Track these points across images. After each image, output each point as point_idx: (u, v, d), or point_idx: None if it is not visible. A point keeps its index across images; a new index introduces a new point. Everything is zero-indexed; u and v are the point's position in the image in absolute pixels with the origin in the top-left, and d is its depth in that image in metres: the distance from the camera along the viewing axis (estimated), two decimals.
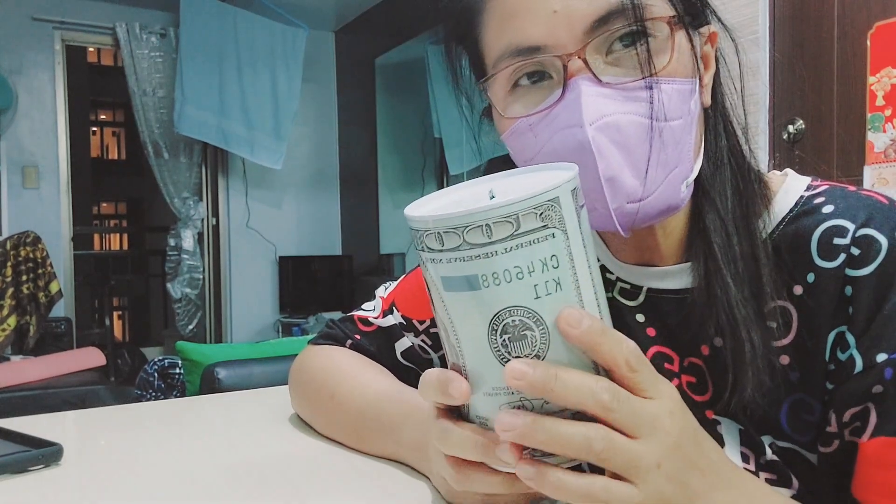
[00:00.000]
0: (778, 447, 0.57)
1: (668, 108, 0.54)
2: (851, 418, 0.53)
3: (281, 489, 0.61)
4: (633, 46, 0.53)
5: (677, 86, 0.54)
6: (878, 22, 1.99)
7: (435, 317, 0.42)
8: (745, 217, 0.58)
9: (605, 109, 0.53)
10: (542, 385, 0.38)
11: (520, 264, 0.38)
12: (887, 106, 1.97)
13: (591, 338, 0.38)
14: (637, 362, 0.40)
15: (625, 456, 0.39)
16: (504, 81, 0.57)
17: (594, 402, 0.39)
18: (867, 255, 0.53)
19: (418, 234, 0.40)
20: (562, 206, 0.38)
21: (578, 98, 0.52)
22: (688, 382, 0.62)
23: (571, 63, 0.53)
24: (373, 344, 0.81)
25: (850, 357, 0.53)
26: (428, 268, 0.40)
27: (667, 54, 0.54)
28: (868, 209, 0.55)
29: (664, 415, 0.41)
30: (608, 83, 0.53)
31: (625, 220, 0.54)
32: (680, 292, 0.61)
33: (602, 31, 0.53)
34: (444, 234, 0.38)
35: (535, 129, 0.56)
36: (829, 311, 0.54)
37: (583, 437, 0.39)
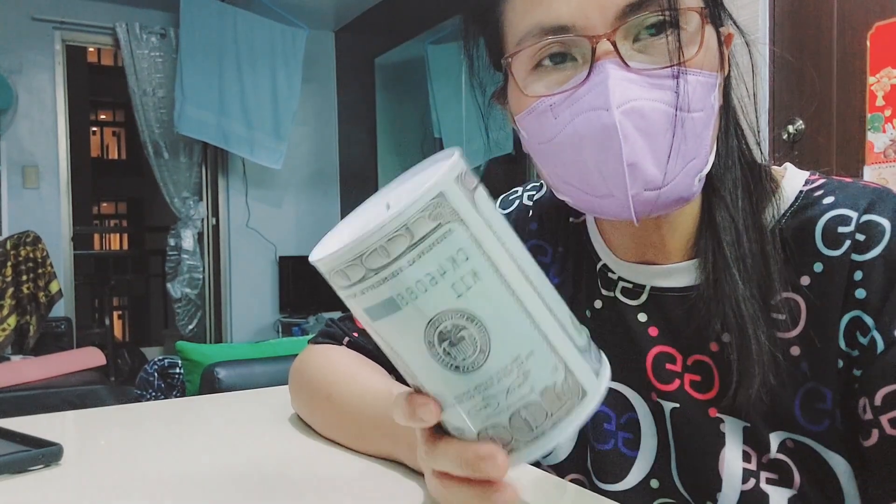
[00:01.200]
0: (793, 443, 0.57)
1: (692, 99, 0.54)
2: (884, 400, 0.52)
3: (281, 489, 0.61)
4: (662, 34, 0.53)
5: (702, 78, 0.54)
6: (878, 22, 1.99)
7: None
8: (754, 214, 0.59)
9: (631, 94, 0.52)
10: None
11: (430, 271, 0.36)
12: (887, 106, 1.97)
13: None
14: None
15: None
16: (527, 60, 0.57)
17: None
18: (872, 239, 0.54)
19: (326, 276, 0.38)
20: (449, 198, 0.36)
21: (605, 80, 0.52)
22: (691, 381, 0.62)
23: (600, 45, 0.53)
24: (369, 342, 0.81)
25: (871, 339, 0.53)
26: (349, 304, 0.39)
27: (696, 45, 0.54)
28: (868, 196, 0.56)
29: None
30: (635, 69, 0.53)
31: (641, 207, 0.54)
32: (684, 290, 0.61)
33: (634, 15, 0.53)
34: (346, 270, 0.37)
35: (556, 109, 0.55)
36: (839, 297, 0.55)
37: None
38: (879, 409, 0.53)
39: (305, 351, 0.85)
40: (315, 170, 5.34)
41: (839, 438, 0.56)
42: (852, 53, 2.06)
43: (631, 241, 0.64)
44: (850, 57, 2.06)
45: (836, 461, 0.56)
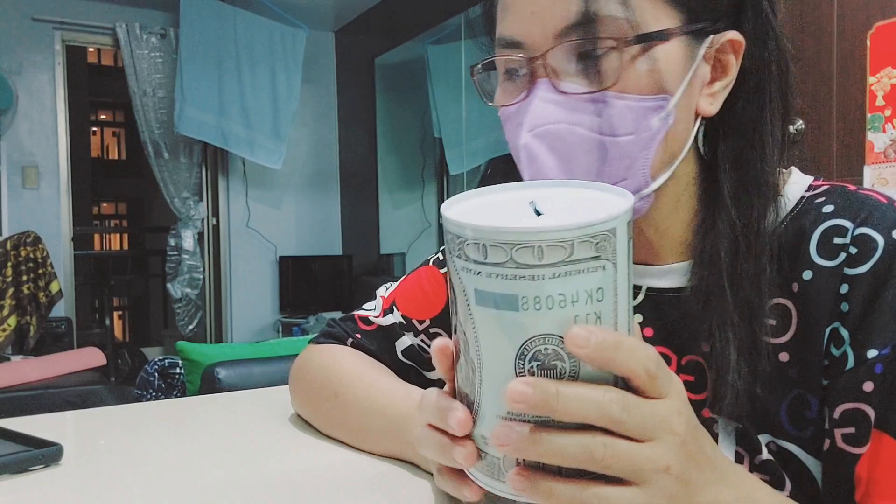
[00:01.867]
0: (776, 446, 0.58)
1: (616, 123, 0.54)
2: (841, 416, 0.53)
3: (281, 489, 0.61)
4: (591, 59, 0.54)
5: (631, 102, 0.54)
6: (878, 22, 1.99)
7: (454, 324, 0.41)
8: (755, 222, 0.58)
9: (551, 117, 0.54)
10: (544, 403, 0.37)
11: (564, 292, 0.35)
12: (887, 106, 1.97)
13: (602, 354, 0.37)
14: (655, 367, 0.39)
15: (629, 461, 0.38)
16: (500, 68, 0.60)
17: (601, 416, 0.37)
18: (864, 254, 0.54)
19: (458, 241, 0.37)
20: (617, 237, 0.36)
21: (530, 102, 0.55)
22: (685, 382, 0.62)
23: (535, 66, 0.55)
24: (373, 343, 0.81)
25: (843, 353, 0.54)
26: (461, 276, 0.38)
27: (616, 74, 0.54)
28: (867, 208, 0.56)
29: (673, 415, 0.40)
30: (564, 91, 0.55)
31: None
32: (680, 290, 0.62)
33: (567, 38, 0.54)
34: (489, 247, 0.36)
35: (507, 121, 0.59)
36: (826, 308, 0.55)
37: (581, 446, 0.38)
38: (836, 422, 0.54)
39: (307, 350, 0.85)
40: (315, 170, 5.34)
41: (821, 445, 0.56)
42: (852, 53, 2.06)
43: None
44: (850, 57, 2.06)
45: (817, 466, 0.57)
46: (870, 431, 0.52)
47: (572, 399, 0.37)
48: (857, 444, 0.52)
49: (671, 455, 0.39)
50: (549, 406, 0.37)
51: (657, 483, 0.39)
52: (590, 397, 0.37)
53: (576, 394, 0.37)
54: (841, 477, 0.53)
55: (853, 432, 0.53)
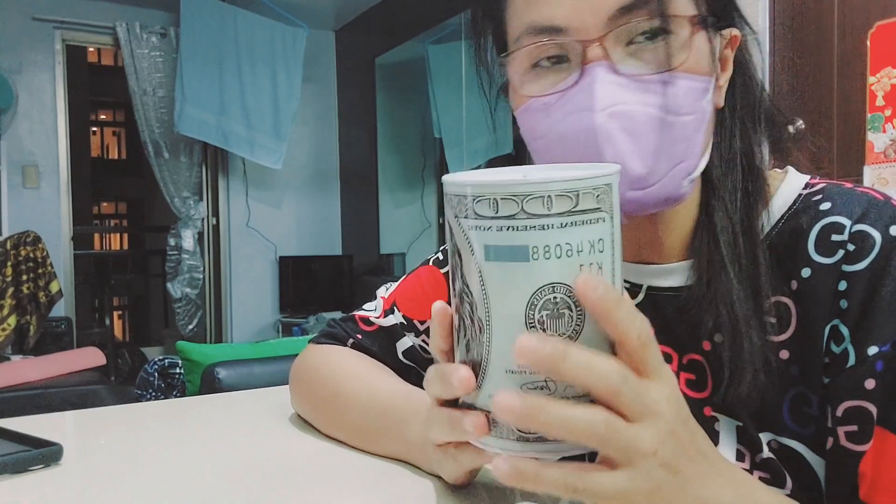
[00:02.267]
0: (778, 444, 0.58)
1: (680, 102, 0.54)
2: (844, 413, 0.53)
3: (281, 489, 0.61)
4: (653, 40, 0.54)
5: (692, 83, 0.55)
6: (878, 22, 1.99)
7: (459, 290, 0.41)
8: (749, 216, 0.59)
9: (618, 98, 0.53)
10: (550, 363, 0.37)
11: (571, 241, 0.38)
12: (887, 106, 1.97)
13: (606, 304, 0.38)
14: (647, 338, 0.39)
15: (625, 441, 0.39)
16: (524, 59, 0.58)
17: (604, 385, 0.38)
18: (862, 251, 0.54)
19: (467, 200, 0.39)
20: (612, 192, 0.39)
21: (593, 84, 0.53)
22: (686, 380, 0.62)
23: (591, 50, 0.54)
24: (374, 343, 0.81)
25: (844, 350, 0.54)
26: (469, 236, 0.39)
27: (685, 52, 0.54)
28: (864, 205, 0.56)
29: (663, 399, 0.40)
30: (624, 73, 0.54)
31: (630, 205, 0.55)
32: (680, 290, 0.62)
33: (625, 20, 0.54)
34: (500, 201, 0.37)
35: (550, 109, 0.57)
36: (825, 305, 0.55)
37: (586, 421, 0.38)
38: (839, 419, 0.54)
39: (307, 350, 0.85)
40: (315, 170, 5.34)
41: (825, 443, 0.56)
42: (852, 53, 2.06)
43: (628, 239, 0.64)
44: (850, 57, 2.06)
45: (820, 464, 0.57)
46: (872, 429, 0.52)
47: (579, 363, 0.37)
48: (860, 442, 0.52)
49: (658, 439, 0.39)
50: (554, 366, 0.37)
51: (644, 468, 0.39)
52: (595, 363, 0.38)
53: (583, 358, 0.37)
54: (844, 475, 0.54)
55: (856, 430, 0.53)
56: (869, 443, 0.52)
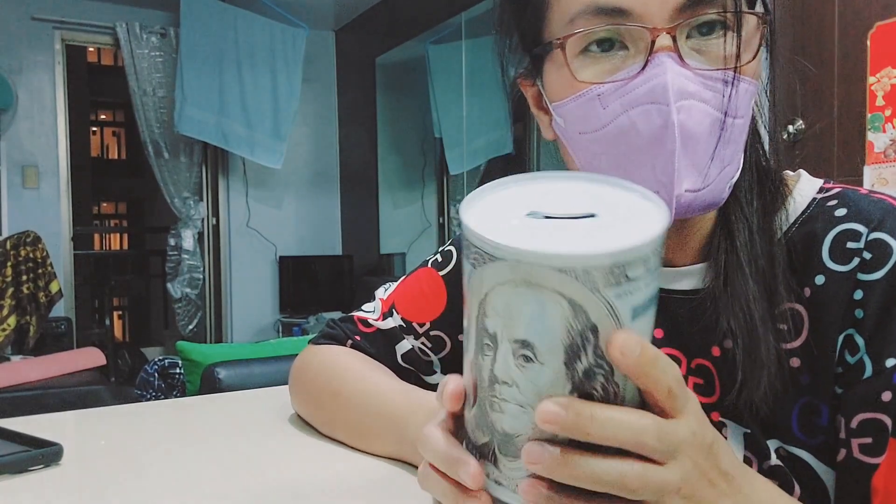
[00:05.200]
0: (785, 452, 0.57)
1: (738, 105, 0.53)
2: (859, 426, 0.52)
3: (281, 489, 0.61)
4: (716, 35, 0.52)
5: (750, 86, 0.53)
6: (878, 22, 1.99)
7: (585, 369, 0.37)
8: (765, 218, 0.58)
9: (685, 93, 0.51)
10: (577, 427, 0.35)
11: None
12: (887, 106, 1.97)
13: (642, 368, 0.35)
14: (679, 388, 0.38)
15: (655, 487, 0.37)
16: (575, 43, 0.54)
17: (636, 442, 0.36)
18: (879, 260, 0.53)
19: (620, 269, 0.34)
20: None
21: (664, 74, 0.50)
22: (694, 384, 0.61)
23: (660, 38, 0.51)
24: (373, 345, 0.81)
25: (859, 360, 0.53)
26: (614, 305, 0.35)
27: (752, 52, 0.53)
28: (881, 212, 0.55)
29: (689, 436, 0.38)
30: (691, 67, 0.51)
31: (679, 209, 0.53)
32: (692, 293, 0.61)
33: (696, 11, 0.51)
34: (648, 260, 0.35)
35: (605, 99, 0.53)
36: (839, 314, 0.54)
37: (617, 473, 0.36)
38: (853, 431, 0.52)
39: (307, 350, 0.85)
40: (315, 170, 5.34)
41: (833, 453, 0.55)
42: (852, 53, 2.06)
43: None
44: (851, 57, 2.06)
45: (828, 474, 0.56)
46: (887, 441, 0.51)
47: (608, 422, 0.35)
48: (874, 455, 0.51)
49: (683, 475, 0.38)
50: (582, 428, 0.35)
51: (666, 502, 0.38)
52: (626, 422, 0.36)
53: (612, 417, 0.35)
54: (856, 487, 0.52)
55: (870, 442, 0.52)
56: (883, 455, 0.51)
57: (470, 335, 0.38)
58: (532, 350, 0.35)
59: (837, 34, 2.10)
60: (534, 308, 0.34)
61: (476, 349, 0.38)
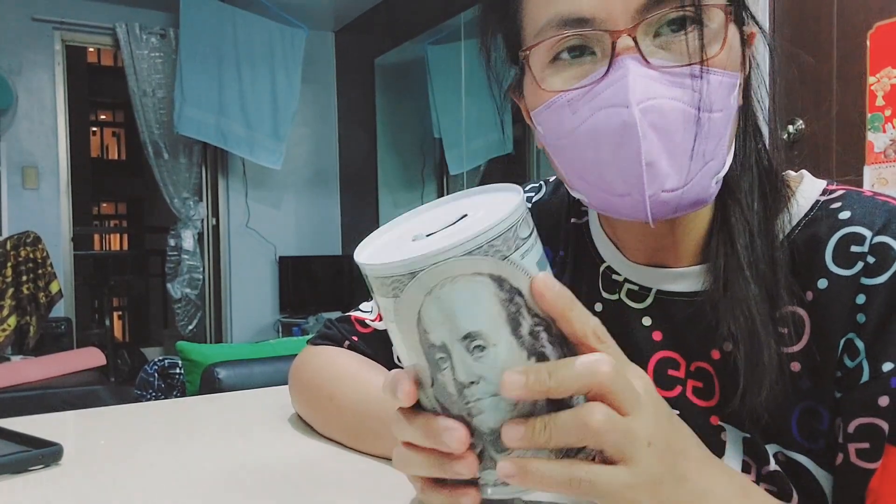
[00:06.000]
0: (785, 457, 0.56)
1: (713, 98, 0.52)
2: (856, 430, 0.52)
3: (281, 489, 0.61)
4: (683, 31, 0.52)
5: (724, 78, 0.53)
6: (878, 22, 1.99)
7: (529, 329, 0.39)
8: (766, 220, 0.57)
9: (650, 92, 0.51)
10: (539, 384, 0.37)
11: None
12: (887, 106, 1.97)
13: (563, 303, 0.38)
14: (603, 334, 0.40)
15: (621, 432, 0.39)
16: (544, 53, 0.55)
17: (592, 376, 0.38)
18: (883, 264, 0.52)
19: (512, 231, 0.38)
20: None
21: (625, 76, 0.51)
22: (693, 388, 0.61)
23: (621, 41, 0.52)
24: (370, 346, 0.81)
25: (858, 365, 0.52)
26: (524, 266, 0.39)
27: (718, 44, 0.52)
28: (885, 215, 0.54)
29: (644, 391, 0.40)
30: (656, 66, 0.51)
31: (657, 209, 0.53)
32: (691, 295, 0.60)
33: (656, 11, 0.51)
34: (527, 219, 0.40)
35: (575, 104, 0.54)
36: (841, 318, 0.53)
37: (578, 418, 0.38)
38: (850, 436, 0.52)
39: (305, 351, 0.85)
40: (315, 170, 5.34)
41: (833, 458, 0.55)
42: (852, 53, 2.06)
43: (643, 242, 0.63)
44: (850, 57, 2.06)
45: (827, 480, 0.55)
46: (883, 447, 0.50)
47: (563, 370, 0.38)
48: (871, 460, 0.51)
49: (651, 428, 0.39)
50: (543, 384, 0.37)
51: (643, 460, 0.39)
52: (581, 362, 0.38)
53: (565, 363, 0.38)
54: (853, 492, 0.52)
55: (867, 447, 0.51)
56: (879, 461, 0.50)
57: (421, 366, 0.40)
58: (481, 337, 0.38)
59: (837, 34, 2.10)
60: (464, 297, 0.37)
61: (432, 371, 0.40)
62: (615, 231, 0.66)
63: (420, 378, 0.41)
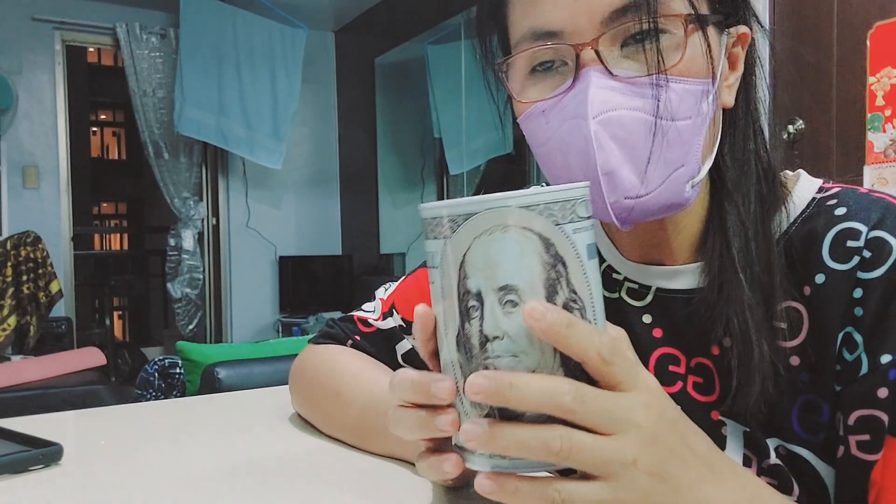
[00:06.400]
0: (786, 450, 0.57)
1: (675, 107, 0.53)
2: (856, 422, 0.53)
3: (281, 489, 0.61)
4: (646, 42, 0.53)
5: (688, 86, 0.54)
6: (878, 22, 1.99)
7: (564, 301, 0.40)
8: (763, 220, 0.58)
9: (611, 103, 0.53)
10: (498, 395, 0.37)
11: None
12: (887, 106, 1.97)
13: (556, 330, 0.37)
14: (610, 354, 0.39)
15: (591, 453, 0.38)
16: (523, 64, 0.58)
17: (553, 406, 0.38)
18: (878, 258, 0.53)
19: (571, 204, 0.39)
20: None
21: (586, 89, 0.53)
22: (694, 383, 0.62)
23: (584, 53, 0.53)
24: (373, 345, 0.81)
25: (857, 358, 0.53)
26: (573, 240, 0.39)
27: (678, 53, 0.53)
28: (880, 210, 0.55)
29: (639, 408, 0.39)
30: (618, 76, 0.53)
31: (622, 214, 0.55)
32: (690, 292, 0.61)
33: (618, 22, 0.53)
34: (586, 202, 0.40)
35: (547, 115, 0.56)
36: (838, 312, 0.54)
37: (537, 438, 0.38)
38: (851, 428, 0.53)
39: (307, 350, 0.85)
40: (315, 170, 5.35)
41: (835, 450, 0.55)
42: (852, 53, 2.06)
43: (635, 240, 0.64)
44: (850, 57, 2.06)
45: (828, 472, 0.56)
46: (883, 438, 0.51)
47: (524, 389, 0.37)
48: (872, 452, 0.52)
49: (637, 449, 0.39)
50: (503, 396, 0.37)
51: (625, 478, 0.39)
52: (542, 386, 0.38)
53: (527, 383, 0.38)
54: (855, 485, 0.53)
55: (868, 439, 0.52)
56: (880, 452, 0.51)
57: (450, 315, 0.40)
58: (516, 293, 0.38)
59: (837, 34, 2.10)
60: (511, 248, 0.38)
61: (461, 321, 0.40)
62: (611, 230, 0.67)
63: (445, 329, 0.41)
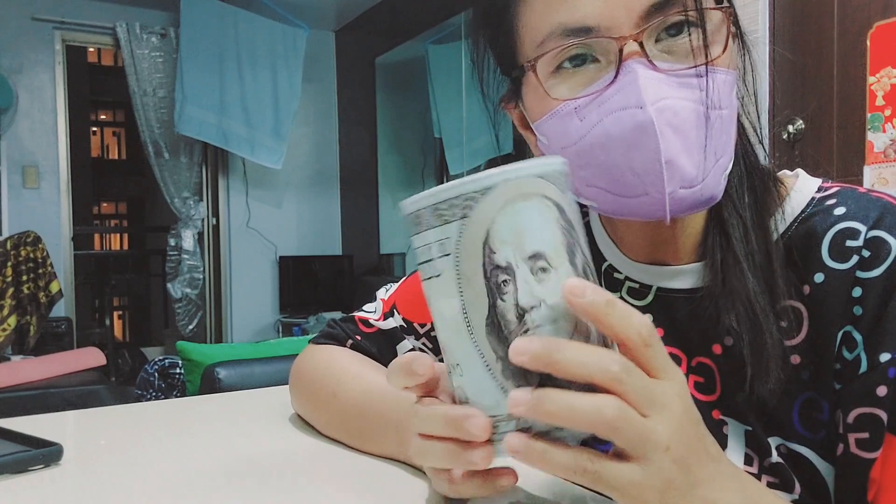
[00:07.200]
0: (787, 449, 0.57)
1: (720, 96, 0.54)
2: (855, 420, 0.53)
3: (281, 489, 0.61)
4: (684, 34, 0.54)
5: (726, 76, 0.54)
6: (878, 22, 1.99)
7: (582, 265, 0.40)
8: (759, 215, 0.58)
9: (662, 92, 0.52)
10: (546, 356, 0.37)
11: None
12: (887, 106, 1.97)
13: (596, 308, 0.37)
14: (649, 336, 0.39)
15: (637, 429, 0.38)
16: (547, 63, 0.56)
17: (603, 373, 0.37)
18: (877, 257, 0.53)
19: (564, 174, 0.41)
20: None
21: (636, 80, 0.52)
22: (695, 383, 0.62)
23: (628, 47, 0.53)
24: (374, 345, 0.81)
25: (856, 356, 0.53)
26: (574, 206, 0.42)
27: (721, 44, 0.54)
28: (879, 210, 0.55)
29: (674, 395, 0.39)
30: (662, 69, 0.53)
31: (676, 206, 0.54)
32: (691, 291, 0.61)
33: (659, 15, 0.53)
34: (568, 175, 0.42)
35: (582, 111, 0.55)
36: (838, 311, 0.54)
37: (593, 405, 0.37)
38: (850, 426, 0.53)
39: (307, 350, 0.85)
40: (315, 170, 5.34)
41: (834, 448, 0.56)
42: (852, 53, 2.06)
43: (644, 240, 0.64)
44: (850, 57, 2.06)
45: (829, 471, 0.56)
46: (883, 436, 0.51)
47: (573, 352, 0.37)
48: (871, 449, 0.52)
49: (671, 433, 0.39)
50: (552, 359, 0.37)
51: (657, 462, 0.38)
52: (590, 351, 0.38)
53: (576, 347, 0.38)
54: (854, 482, 0.53)
55: (867, 437, 0.52)
56: (879, 450, 0.51)
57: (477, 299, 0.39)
58: (545, 258, 0.39)
59: (837, 34, 2.10)
60: (534, 216, 0.39)
61: (491, 300, 0.39)
62: (615, 230, 0.67)
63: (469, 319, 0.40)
